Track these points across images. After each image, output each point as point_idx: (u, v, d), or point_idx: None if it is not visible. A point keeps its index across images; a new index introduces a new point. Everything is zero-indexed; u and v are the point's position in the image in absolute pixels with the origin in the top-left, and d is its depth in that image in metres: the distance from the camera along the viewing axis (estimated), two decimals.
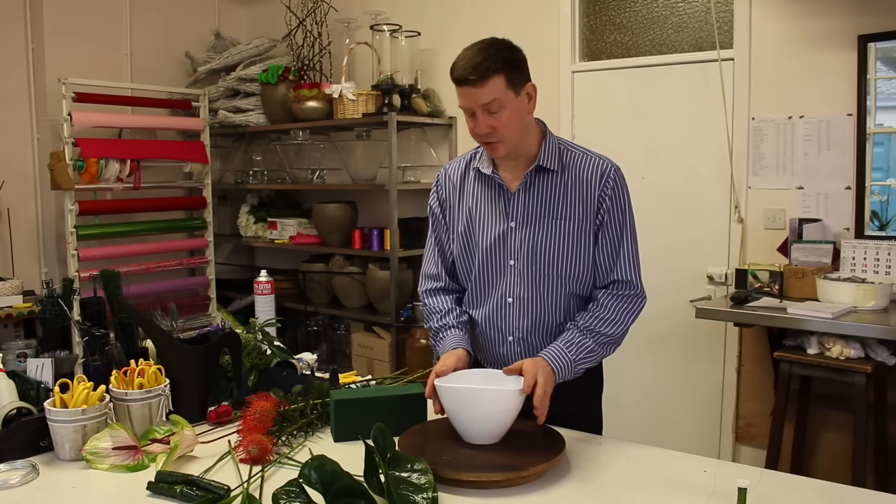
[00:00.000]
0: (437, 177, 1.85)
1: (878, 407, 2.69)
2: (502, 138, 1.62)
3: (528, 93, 1.65)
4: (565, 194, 1.69)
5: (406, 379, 1.89)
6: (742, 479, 1.20)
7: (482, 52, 1.58)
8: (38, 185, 3.97)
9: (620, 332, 1.70)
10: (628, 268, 1.71)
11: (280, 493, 1.24)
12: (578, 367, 1.65)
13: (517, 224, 1.71)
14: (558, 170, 1.69)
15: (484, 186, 1.75)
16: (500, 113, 1.60)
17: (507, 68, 1.58)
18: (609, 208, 1.69)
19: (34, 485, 1.42)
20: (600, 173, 1.69)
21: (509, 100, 1.59)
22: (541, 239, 1.70)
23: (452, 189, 1.81)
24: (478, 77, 1.56)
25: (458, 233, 1.79)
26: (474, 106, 1.60)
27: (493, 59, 1.57)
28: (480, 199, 1.76)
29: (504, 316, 1.76)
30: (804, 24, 2.96)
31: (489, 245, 1.73)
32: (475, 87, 1.57)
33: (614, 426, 2.57)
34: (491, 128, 1.61)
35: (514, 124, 1.62)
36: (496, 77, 1.57)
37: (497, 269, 1.75)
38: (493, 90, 1.57)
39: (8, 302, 3.42)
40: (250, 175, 4.59)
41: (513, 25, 3.70)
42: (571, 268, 1.70)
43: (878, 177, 2.90)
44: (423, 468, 1.30)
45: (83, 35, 4.07)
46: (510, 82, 1.59)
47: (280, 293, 3.14)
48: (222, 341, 1.83)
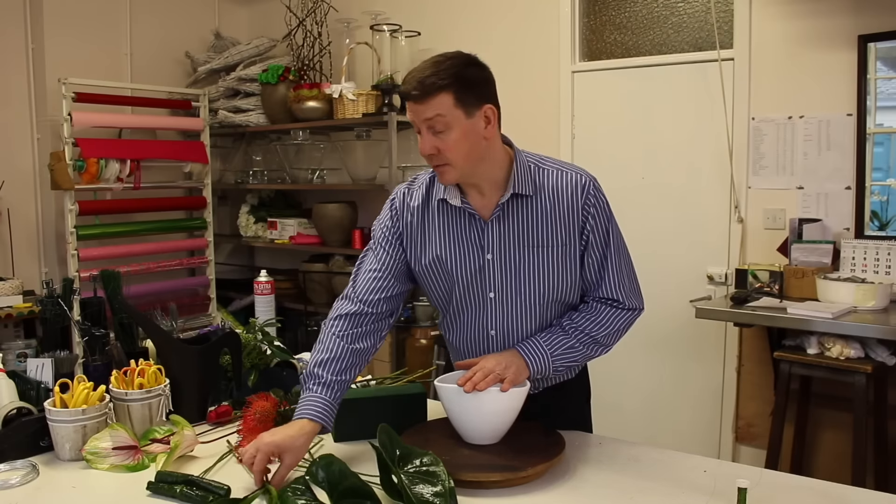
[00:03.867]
0: (393, 201, 1.66)
1: (878, 407, 2.69)
2: (448, 161, 1.48)
3: (487, 115, 1.49)
4: (544, 218, 1.56)
5: (406, 379, 1.89)
6: (742, 479, 1.20)
7: (434, 66, 1.46)
8: (38, 185, 3.97)
9: (607, 334, 1.60)
10: (615, 286, 1.60)
11: (286, 491, 1.25)
12: (557, 361, 1.57)
13: (494, 256, 1.58)
14: (533, 193, 1.56)
15: (453, 218, 1.60)
16: (445, 133, 1.46)
17: (456, 86, 1.44)
18: (593, 226, 1.58)
19: (34, 485, 1.42)
20: (579, 189, 1.56)
21: (457, 120, 1.46)
22: (522, 269, 1.58)
23: (415, 220, 1.63)
24: (420, 93, 1.44)
25: (425, 265, 1.62)
26: (419, 123, 1.48)
27: (442, 74, 1.44)
28: (451, 232, 1.60)
29: (487, 348, 1.64)
30: (804, 24, 2.96)
31: (465, 279, 1.60)
32: (418, 104, 1.45)
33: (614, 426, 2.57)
34: (435, 149, 1.47)
35: (461, 148, 1.47)
36: (442, 94, 1.44)
37: (476, 302, 1.62)
38: (436, 107, 1.44)
39: (8, 302, 3.42)
40: (250, 175, 4.59)
41: (513, 25, 3.71)
42: (557, 293, 1.60)
43: (878, 177, 2.90)
44: (433, 459, 1.30)
45: (83, 35, 4.07)
46: (459, 101, 1.45)
47: (280, 293, 3.14)
48: (222, 341, 1.83)
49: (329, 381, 1.50)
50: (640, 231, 3.36)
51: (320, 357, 1.53)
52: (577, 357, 1.60)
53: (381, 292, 1.61)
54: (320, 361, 1.52)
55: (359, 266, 1.66)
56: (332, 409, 1.48)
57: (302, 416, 1.45)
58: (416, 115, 1.48)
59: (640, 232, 3.36)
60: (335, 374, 1.51)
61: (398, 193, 1.67)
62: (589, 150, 3.54)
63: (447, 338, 1.74)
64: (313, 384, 1.50)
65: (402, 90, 1.49)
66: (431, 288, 1.66)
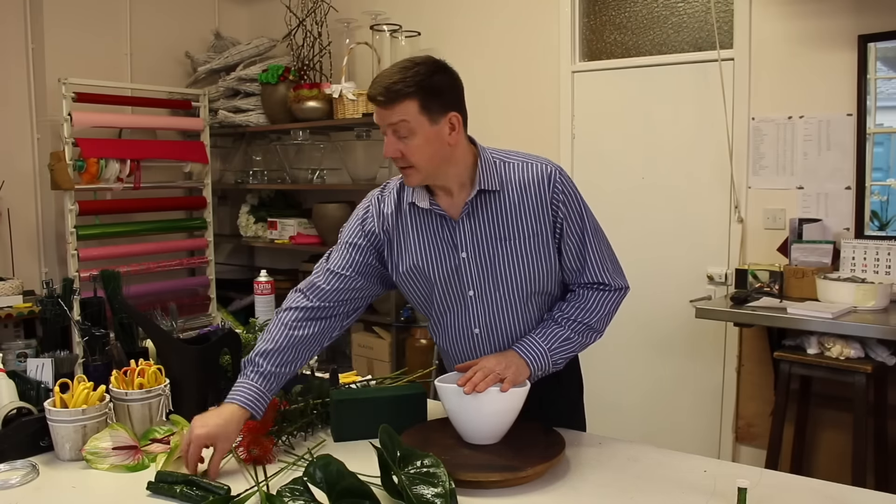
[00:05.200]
0: (367, 208, 1.69)
1: (878, 407, 2.69)
2: (412, 164, 1.51)
3: (451, 122, 1.52)
4: (514, 212, 1.58)
5: (406, 379, 1.89)
6: (742, 479, 1.20)
7: (401, 72, 1.48)
8: (38, 185, 3.97)
9: (599, 318, 1.61)
10: (598, 269, 1.61)
11: (284, 491, 1.25)
12: (556, 355, 1.58)
13: (469, 254, 1.59)
14: (499, 188, 1.58)
15: (424, 220, 1.62)
16: (409, 138, 1.49)
17: (421, 93, 1.47)
18: (566, 214, 1.58)
19: (34, 485, 1.42)
20: (546, 179, 1.58)
21: (421, 126, 1.48)
22: (497, 264, 1.59)
23: (390, 227, 1.65)
24: (385, 99, 1.47)
25: (403, 272, 1.64)
26: (383, 126, 1.51)
27: (408, 82, 1.46)
28: (424, 235, 1.62)
29: (473, 346, 1.66)
30: (804, 23, 2.96)
31: (443, 280, 1.62)
32: (383, 109, 1.49)
33: (614, 426, 2.58)
34: (398, 152, 1.51)
35: (424, 152, 1.50)
36: (406, 101, 1.47)
37: (456, 302, 1.64)
38: (400, 114, 1.47)
39: (8, 302, 3.42)
40: (250, 175, 4.59)
41: (513, 25, 3.71)
42: (535, 285, 1.61)
43: (878, 177, 2.90)
44: (433, 461, 1.30)
45: (83, 35, 4.07)
46: (424, 108, 1.48)
47: (280, 293, 3.13)
48: (222, 341, 1.83)
49: (268, 371, 1.55)
50: (640, 231, 3.37)
51: (264, 347, 1.57)
52: (574, 347, 1.62)
53: (342, 293, 1.65)
54: (263, 351, 1.56)
55: (321, 264, 1.68)
56: (264, 399, 1.54)
57: (233, 401, 1.50)
58: (381, 118, 1.52)
59: (640, 232, 3.37)
60: (275, 366, 1.56)
61: (372, 200, 1.70)
62: (589, 151, 3.54)
63: (436, 340, 1.75)
64: (251, 371, 1.55)
65: (368, 93, 1.51)
66: (412, 293, 1.68)
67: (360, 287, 1.66)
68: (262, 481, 1.35)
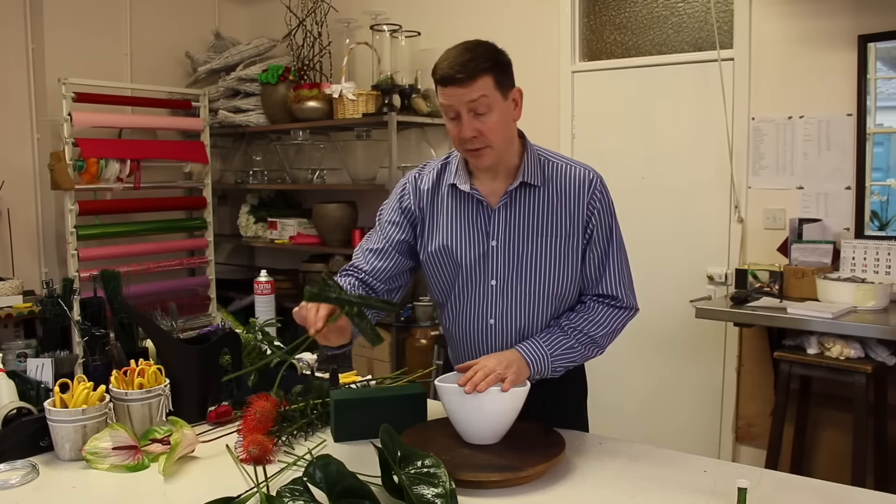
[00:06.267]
0: (404, 185, 1.71)
1: (878, 407, 2.69)
2: (489, 143, 1.52)
3: (515, 98, 1.56)
4: (551, 210, 1.60)
5: (406, 379, 1.89)
6: (742, 479, 1.20)
7: (469, 51, 1.50)
8: (38, 185, 3.97)
9: (604, 335, 1.62)
10: (615, 282, 1.63)
11: (284, 491, 1.25)
12: (556, 362, 1.59)
13: (499, 243, 1.61)
14: (541, 184, 1.60)
15: (461, 203, 1.64)
16: (487, 115, 1.50)
17: (495, 69, 1.50)
18: (598, 222, 1.61)
19: (34, 485, 1.42)
20: (587, 184, 1.60)
21: (497, 102, 1.51)
22: (525, 258, 1.60)
23: (425, 205, 1.67)
24: (465, 75, 1.47)
25: (431, 252, 1.66)
26: (460, 106, 1.50)
27: (482, 58, 1.49)
28: (458, 217, 1.64)
29: (486, 338, 1.67)
30: (804, 24, 2.96)
31: (469, 265, 1.63)
32: (462, 87, 1.48)
33: (614, 426, 2.57)
34: (477, 131, 1.51)
35: (500, 129, 1.53)
36: (485, 76, 1.48)
37: (477, 289, 1.65)
38: (480, 89, 1.48)
39: (8, 302, 3.42)
40: (250, 175, 4.59)
41: (513, 25, 3.71)
42: (557, 286, 1.62)
43: (877, 177, 2.90)
44: (434, 462, 1.30)
45: (83, 35, 4.07)
46: (498, 84, 1.50)
47: (280, 293, 3.13)
48: (222, 341, 1.83)
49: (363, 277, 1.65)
50: (640, 231, 3.36)
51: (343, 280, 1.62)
52: (575, 357, 1.62)
53: (382, 273, 1.68)
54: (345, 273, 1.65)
55: (361, 246, 1.72)
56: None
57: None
58: (457, 98, 1.50)
59: (640, 232, 3.36)
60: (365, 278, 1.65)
61: (409, 178, 1.72)
62: (589, 150, 3.54)
63: (446, 327, 1.76)
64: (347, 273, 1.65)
65: (442, 74, 1.50)
66: (436, 275, 1.69)
67: (397, 265, 1.69)
68: (262, 481, 1.35)
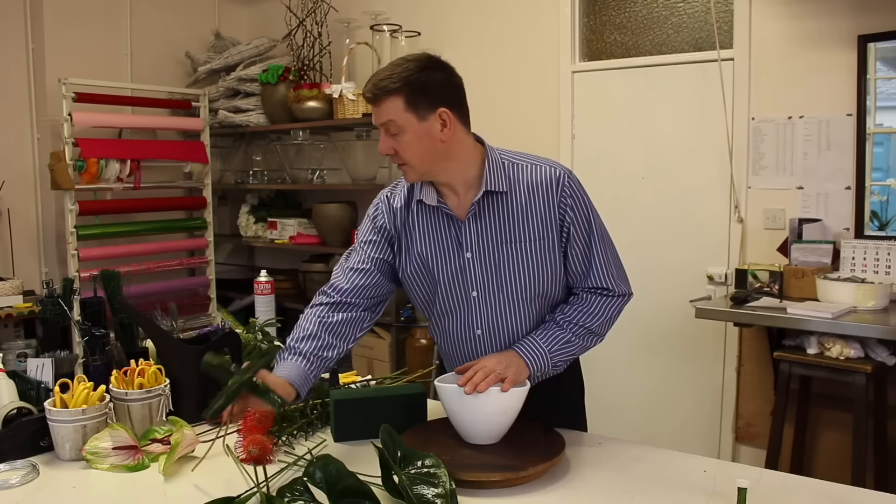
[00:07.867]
0: (377, 205, 1.69)
1: (878, 407, 2.69)
2: (405, 161, 1.53)
3: (442, 118, 1.50)
4: (521, 214, 1.58)
5: (406, 379, 1.90)
6: (742, 479, 1.20)
7: (390, 68, 1.50)
8: (38, 185, 3.97)
9: (601, 323, 1.61)
10: (603, 274, 1.61)
11: (284, 491, 1.25)
12: (556, 358, 1.58)
13: (473, 254, 1.59)
14: (507, 189, 1.57)
15: (431, 218, 1.62)
16: (399, 136, 1.50)
17: (406, 90, 1.47)
18: (573, 219, 1.58)
19: (34, 485, 1.42)
20: (554, 183, 1.57)
21: (409, 123, 1.49)
22: (502, 265, 1.59)
23: (399, 223, 1.65)
24: (372, 96, 1.50)
25: (408, 269, 1.65)
26: (376, 123, 1.53)
27: (394, 78, 1.47)
28: (431, 233, 1.63)
29: (474, 348, 1.66)
30: (804, 24, 2.96)
31: (447, 279, 1.62)
32: (374, 106, 1.51)
33: (614, 426, 2.58)
34: (391, 149, 1.52)
35: (415, 149, 1.51)
36: (392, 98, 1.48)
37: (459, 302, 1.64)
38: (387, 111, 1.49)
39: (8, 302, 3.42)
40: (250, 175, 4.59)
41: (513, 25, 3.71)
42: (539, 288, 1.61)
43: (877, 177, 2.90)
44: (434, 462, 1.30)
45: (83, 35, 4.07)
46: (410, 105, 1.48)
47: (280, 293, 3.14)
48: (222, 341, 1.83)
49: (307, 352, 1.55)
50: (640, 231, 3.37)
51: (299, 334, 1.58)
52: (574, 350, 1.62)
53: (363, 290, 1.65)
54: (299, 338, 1.57)
55: (340, 265, 1.69)
56: (308, 380, 1.53)
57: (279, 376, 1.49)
58: (373, 116, 1.54)
59: (640, 232, 3.37)
60: (314, 349, 1.56)
61: (381, 197, 1.70)
62: (589, 151, 3.54)
63: (437, 342, 1.75)
64: (290, 354, 1.55)
65: (362, 91, 1.53)
66: (416, 292, 1.68)
67: (379, 283, 1.66)
68: (262, 481, 1.35)
